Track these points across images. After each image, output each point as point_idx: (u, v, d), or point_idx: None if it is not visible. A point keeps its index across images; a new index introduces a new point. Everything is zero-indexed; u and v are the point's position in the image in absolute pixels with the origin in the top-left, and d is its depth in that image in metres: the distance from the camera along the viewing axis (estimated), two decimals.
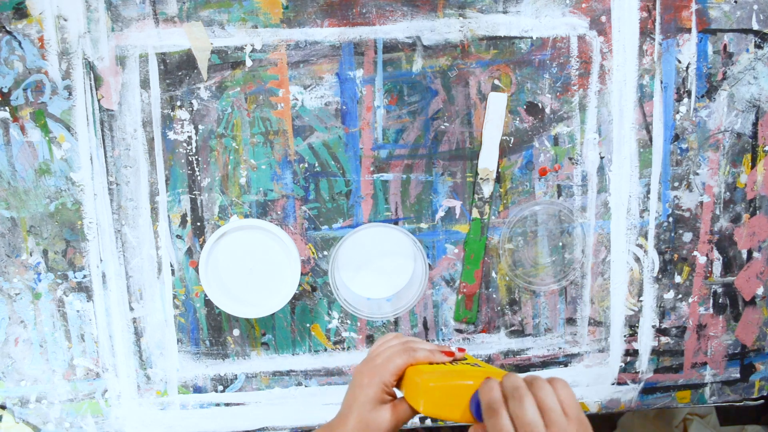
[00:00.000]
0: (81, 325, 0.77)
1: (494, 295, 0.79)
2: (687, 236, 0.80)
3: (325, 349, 0.79)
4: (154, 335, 0.78)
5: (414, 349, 0.56)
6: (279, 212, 0.76)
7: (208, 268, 0.72)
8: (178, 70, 0.74)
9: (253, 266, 0.73)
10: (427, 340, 0.80)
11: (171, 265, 0.77)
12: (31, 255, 0.76)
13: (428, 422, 0.81)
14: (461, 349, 0.58)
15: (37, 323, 0.77)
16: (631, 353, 0.81)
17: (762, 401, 0.85)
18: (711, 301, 0.81)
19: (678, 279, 0.80)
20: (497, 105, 0.75)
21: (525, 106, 0.76)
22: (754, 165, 0.79)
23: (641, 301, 0.81)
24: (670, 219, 0.79)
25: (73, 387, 0.78)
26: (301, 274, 0.75)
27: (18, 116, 0.73)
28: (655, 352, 0.82)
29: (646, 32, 0.76)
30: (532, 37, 0.75)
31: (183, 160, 0.75)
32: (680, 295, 0.81)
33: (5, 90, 0.73)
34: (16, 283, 0.76)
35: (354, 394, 0.55)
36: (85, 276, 0.76)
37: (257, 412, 0.80)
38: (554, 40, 0.75)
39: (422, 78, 0.75)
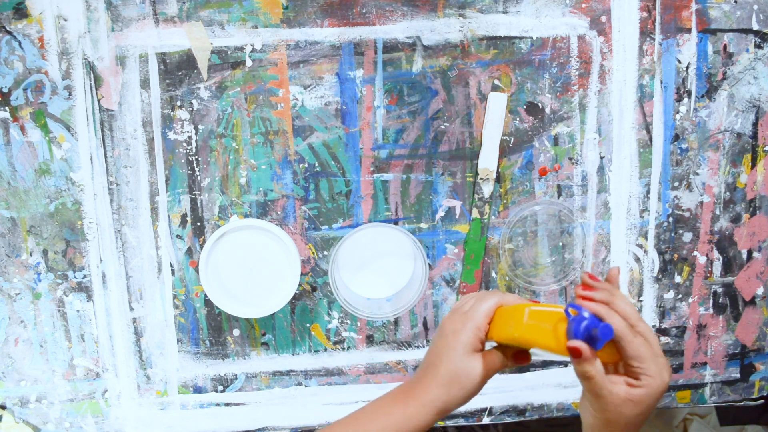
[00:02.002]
0: (81, 325, 0.77)
1: None
2: (687, 236, 0.80)
3: (325, 349, 0.79)
4: (154, 335, 0.78)
5: (503, 293, 0.54)
6: (279, 212, 0.76)
7: (208, 268, 0.72)
8: (178, 70, 0.74)
9: (253, 266, 0.73)
10: (427, 341, 0.80)
11: (171, 265, 0.77)
12: (31, 255, 0.76)
13: None
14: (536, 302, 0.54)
15: (37, 323, 0.77)
16: None
17: (762, 401, 0.85)
18: (711, 301, 0.81)
19: (678, 279, 0.80)
20: (497, 105, 0.75)
21: (525, 106, 0.76)
22: (754, 165, 0.79)
23: (641, 301, 0.81)
24: (670, 219, 0.79)
25: (73, 387, 0.78)
26: (301, 274, 0.75)
27: (18, 116, 0.73)
28: None
29: (646, 32, 0.76)
30: (532, 37, 0.75)
31: (183, 160, 0.75)
32: (680, 295, 0.81)
33: (5, 90, 0.73)
34: (16, 283, 0.76)
35: (445, 342, 0.52)
36: (85, 276, 0.76)
37: (257, 412, 0.80)
38: (554, 40, 0.75)
39: (422, 78, 0.75)
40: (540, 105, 0.76)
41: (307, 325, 0.79)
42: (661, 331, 0.81)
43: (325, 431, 0.54)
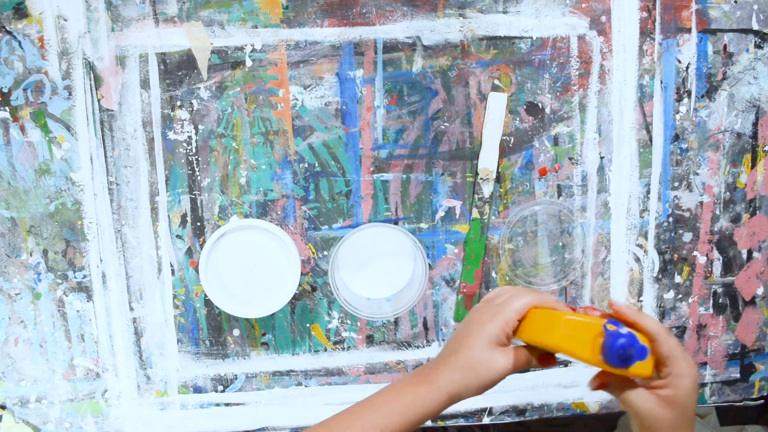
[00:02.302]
0: (81, 325, 0.77)
1: None
2: (687, 236, 0.80)
3: (325, 349, 0.79)
4: (154, 335, 0.78)
5: (540, 292, 0.54)
6: (279, 212, 0.76)
7: (208, 268, 0.72)
8: (178, 70, 0.74)
9: (253, 266, 0.73)
10: (427, 341, 0.80)
11: (171, 265, 0.77)
12: (31, 255, 0.76)
13: (429, 423, 0.81)
14: (572, 308, 0.54)
15: (37, 323, 0.77)
16: None
17: (762, 401, 0.85)
18: (711, 301, 0.81)
19: (678, 279, 0.80)
20: (497, 105, 0.75)
21: (525, 106, 0.76)
22: (754, 165, 0.79)
23: (641, 301, 0.81)
24: (670, 219, 0.79)
25: (73, 387, 0.78)
26: (301, 274, 0.75)
27: (18, 116, 0.73)
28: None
29: (646, 32, 0.76)
30: (532, 37, 0.75)
31: (183, 160, 0.75)
32: (680, 295, 0.81)
33: (5, 90, 0.73)
34: (16, 283, 0.76)
35: (469, 331, 0.51)
36: (85, 276, 0.76)
37: (257, 412, 0.80)
38: (554, 40, 0.75)
39: (422, 78, 0.75)
40: (540, 105, 0.76)
41: (307, 325, 0.79)
42: None
43: (343, 414, 0.53)
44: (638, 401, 0.49)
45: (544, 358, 0.54)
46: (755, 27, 0.76)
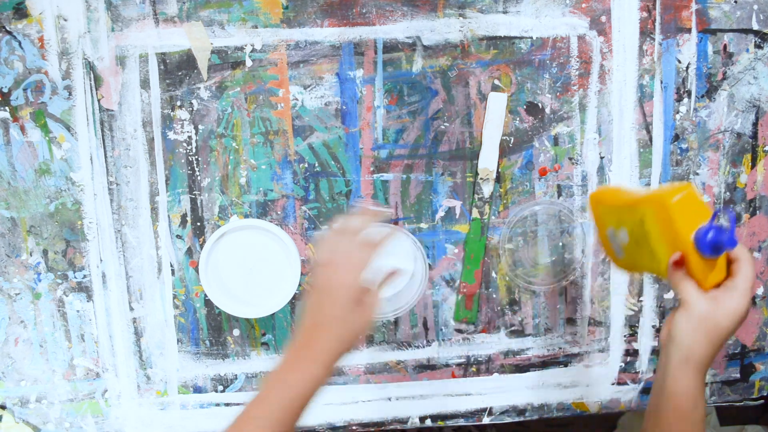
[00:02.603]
0: (81, 325, 0.77)
1: (494, 295, 0.79)
2: None
3: None
4: (154, 335, 0.78)
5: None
6: (279, 212, 0.76)
7: (208, 268, 0.72)
8: (178, 70, 0.74)
9: (253, 266, 0.73)
10: (427, 341, 0.80)
11: (171, 265, 0.77)
12: (31, 255, 0.76)
13: (428, 422, 0.81)
14: None
15: (37, 323, 0.77)
16: (631, 353, 0.81)
17: (762, 401, 0.85)
18: None
19: None
20: (497, 105, 0.75)
21: (525, 106, 0.76)
22: (754, 165, 0.79)
23: (641, 301, 0.81)
24: None
25: (73, 387, 0.78)
26: (301, 274, 0.75)
27: (18, 116, 0.73)
28: (656, 352, 0.82)
29: (646, 32, 0.76)
30: (532, 37, 0.75)
31: (183, 160, 0.75)
32: None
33: (5, 90, 0.73)
34: (16, 283, 0.76)
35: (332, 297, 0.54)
36: (85, 276, 0.76)
37: None
38: (554, 40, 0.75)
39: (422, 78, 0.75)
40: (540, 105, 0.76)
41: None
42: None
43: (243, 416, 0.54)
44: (693, 295, 0.52)
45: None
46: (755, 27, 0.76)
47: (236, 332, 0.79)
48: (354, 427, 0.81)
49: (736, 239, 0.50)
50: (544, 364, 0.81)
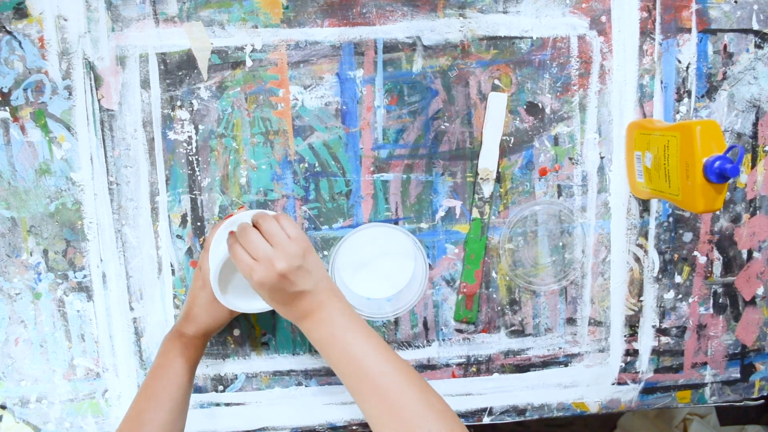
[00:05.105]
0: (81, 325, 0.77)
1: (494, 295, 0.79)
2: (687, 236, 0.80)
3: None
4: (155, 335, 0.78)
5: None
6: (279, 212, 0.76)
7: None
8: (178, 70, 0.74)
9: None
10: (427, 341, 0.80)
11: (171, 265, 0.77)
12: (31, 255, 0.76)
13: None
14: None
15: (37, 323, 0.77)
16: (631, 353, 0.82)
17: (762, 401, 0.85)
18: (711, 301, 0.81)
19: (678, 279, 0.80)
20: (497, 105, 0.75)
21: (525, 106, 0.76)
22: (754, 165, 0.79)
23: (641, 301, 0.81)
24: (671, 219, 0.79)
25: (74, 387, 0.78)
26: None
27: (18, 116, 0.73)
28: (656, 352, 0.82)
29: (646, 32, 0.76)
30: (532, 37, 0.75)
31: (183, 160, 0.75)
32: (680, 295, 0.81)
33: (5, 90, 0.73)
34: (16, 283, 0.76)
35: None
36: (85, 276, 0.76)
37: (257, 412, 0.80)
38: (554, 40, 0.75)
39: (422, 78, 0.75)
40: (540, 105, 0.76)
41: None
42: (661, 331, 0.81)
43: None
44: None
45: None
46: (755, 27, 0.76)
47: (236, 332, 0.79)
48: (354, 427, 0.81)
49: (740, 170, 0.62)
50: (544, 364, 0.81)
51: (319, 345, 0.58)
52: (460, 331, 0.80)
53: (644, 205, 0.79)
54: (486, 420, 0.82)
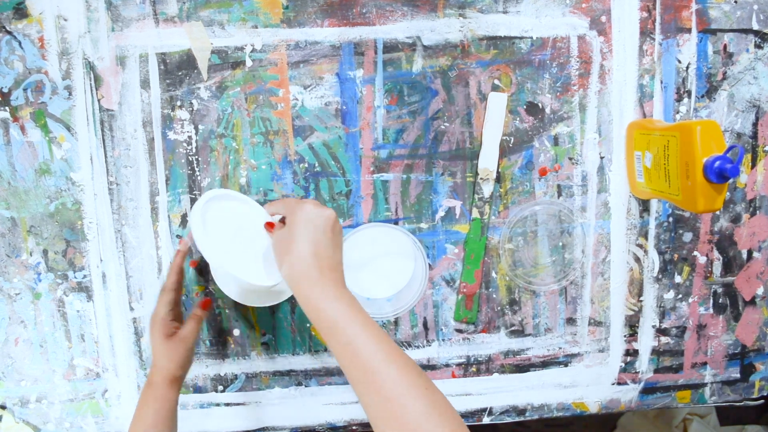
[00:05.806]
0: (81, 325, 0.77)
1: (494, 295, 0.79)
2: (687, 236, 0.80)
3: (325, 349, 0.79)
4: None
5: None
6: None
7: (206, 228, 0.63)
8: (178, 70, 0.74)
9: (241, 233, 0.66)
10: (427, 341, 0.80)
11: None
12: (31, 255, 0.76)
13: None
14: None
15: (37, 323, 0.77)
16: (631, 353, 0.82)
17: (762, 401, 0.85)
18: (711, 301, 0.81)
19: (678, 279, 0.80)
20: (497, 105, 0.75)
21: (525, 106, 0.76)
22: (754, 165, 0.79)
23: (641, 301, 0.81)
24: (670, 219, 0.79)
25: (73, 387, 0.78)
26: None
27: (18, 116, 0.73)
28: (655, 352, 0.82)
29: (646, 32, 0.76)
30: (532, 37, 0.75)
31: (183, 160, 0.75)
32: (680, 295, 0.81)
33: (5, 90, 0.73)
34: (16, 283, 0.76)
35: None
36: (85, 276, 0.76)
37: (257, 412, 0.80)
38: (554, 40, 0.75)
39: (422, 78, 0.75)
40: (540, 105, 0.76)
41: (307, 325, 0.79)
42: (661, 331, 0.81)
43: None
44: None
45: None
46: (755, 27, 0.76)
47: (236, 332, 0.79)
48: (354, 427, 0.81)
49: (740, 170, 0.62)
50: (544, 364, 0.81)
51: (327, 328, 0.55)
52: (460, 331, 0.80)
53: (644, 205, 0.79)
54: (486, 420, 0.82)
